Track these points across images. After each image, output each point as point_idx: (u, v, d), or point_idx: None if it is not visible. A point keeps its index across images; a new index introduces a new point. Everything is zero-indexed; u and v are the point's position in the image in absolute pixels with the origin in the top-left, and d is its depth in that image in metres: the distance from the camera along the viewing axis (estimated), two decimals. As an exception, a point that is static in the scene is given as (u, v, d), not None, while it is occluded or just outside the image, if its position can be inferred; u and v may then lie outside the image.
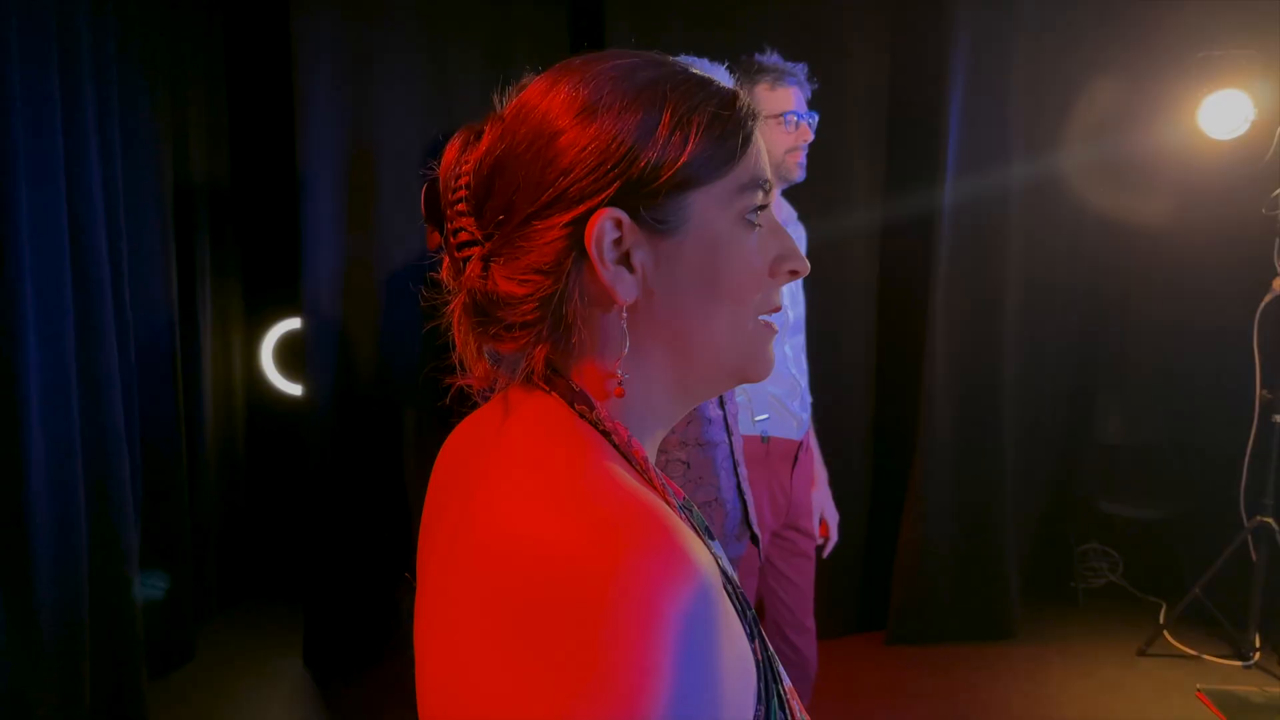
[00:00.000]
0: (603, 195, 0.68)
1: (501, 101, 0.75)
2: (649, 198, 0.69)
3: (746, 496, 1.69)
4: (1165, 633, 3.63)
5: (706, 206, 0.71)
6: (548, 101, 0.71)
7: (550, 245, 0.69)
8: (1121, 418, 4.15)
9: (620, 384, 0.72)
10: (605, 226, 0.68)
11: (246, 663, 3.54)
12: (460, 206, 0.74)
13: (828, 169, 2.52)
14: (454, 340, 0.76)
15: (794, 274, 0.77)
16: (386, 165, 3.34)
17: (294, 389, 4.03)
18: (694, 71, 0.74)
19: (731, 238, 0.72)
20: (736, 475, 1.68)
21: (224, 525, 3.99)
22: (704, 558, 0.56)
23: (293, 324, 4.01)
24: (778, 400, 2.27)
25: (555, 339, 0.71)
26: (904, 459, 3.66)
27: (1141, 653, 3.56)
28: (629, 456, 0.70)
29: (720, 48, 2.12)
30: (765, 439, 2.24)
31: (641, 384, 0.73)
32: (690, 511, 0.76)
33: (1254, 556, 3.47)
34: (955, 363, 3.59)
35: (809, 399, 2.39)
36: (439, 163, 0.76)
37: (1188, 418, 3.95)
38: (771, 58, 2.28)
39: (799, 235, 2.49)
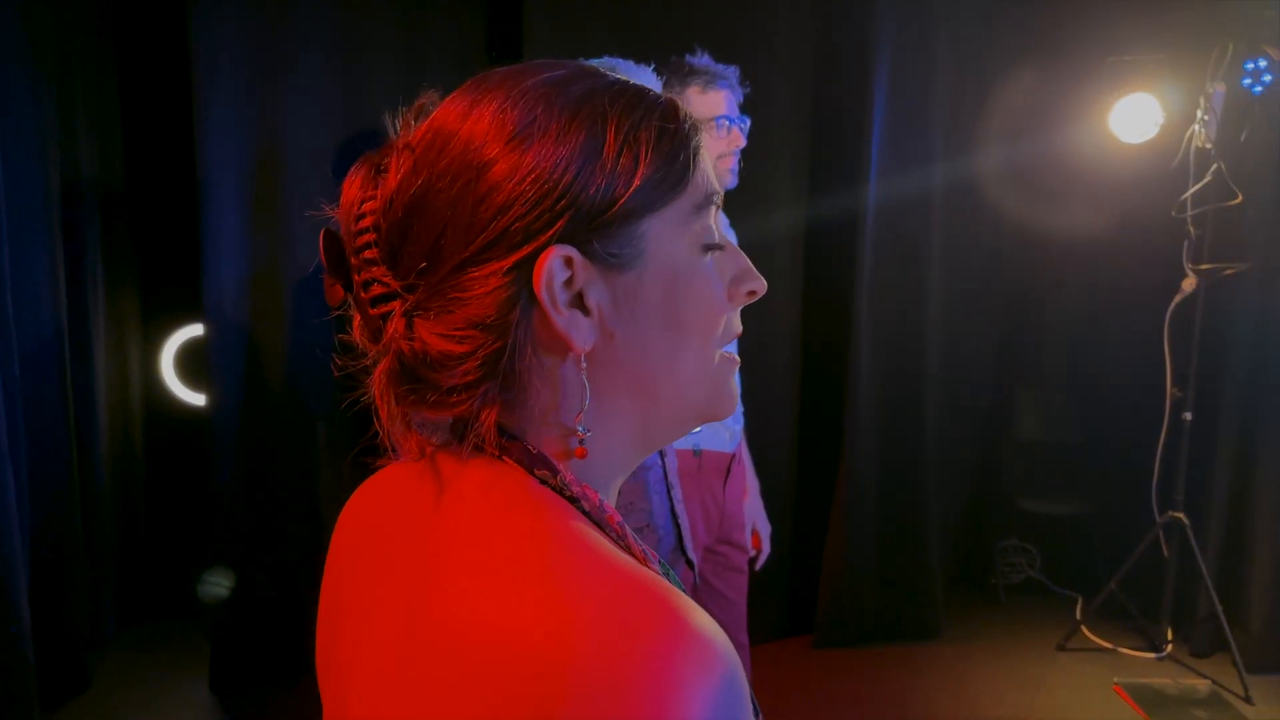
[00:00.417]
0: (550, 232, 0.59)
1: (398, 126, 0.65)
2: (601, 230, 0.60)
3: (681, 520, 1.62)
4: (1083, 627, 3.70)
5: (662, 233, 0.63)
6: (469, 127, 0.62)
7: (492, 295, 0.60)
8: (1039, 416, 4.22)
9: (583, 442, 0.63)
10: (555, 267, 0.60)
11: (147, 689, 3.34)
12: (369, 254, 0.63)
13: (751, 172, 2.47)
14: (377, 411, 0.65)
15: (752, 295, 0.70)
16: (294, 165, 3.17)
17: (196, 398, 3.83)
18: (629, 82, 0.65)
19: (690, 264, 0.64)
20: (670, 498, 1.61)
21: (122, 543, 3.77)
22: (718, 633, 0.49)
23: (194, 331, 3.80)
24: (710, 413, 2.21)
25: (506, 399, 0.62)
26: (829, 461, 3.65)
27: (1061, 647, 3.62)
28: (603, 524, 0.62)
29: (642, 49, 2.05)
30: (697, 452, 2.18)
31: (604, 438, 0.65)
32: (669, 575, 0.68)
33: (1165, 551, 3.56)
34: (879, 365, 3.60)
35: (741, 409, 2.34)
36: (337, 201, 0.66)
37: (1103, 415, 4.04)
38: (702, 59, 2.21)
39: (731, 242, 2.43)
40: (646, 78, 1.55)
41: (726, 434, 2.24)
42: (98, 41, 3.52)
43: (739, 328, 0.71)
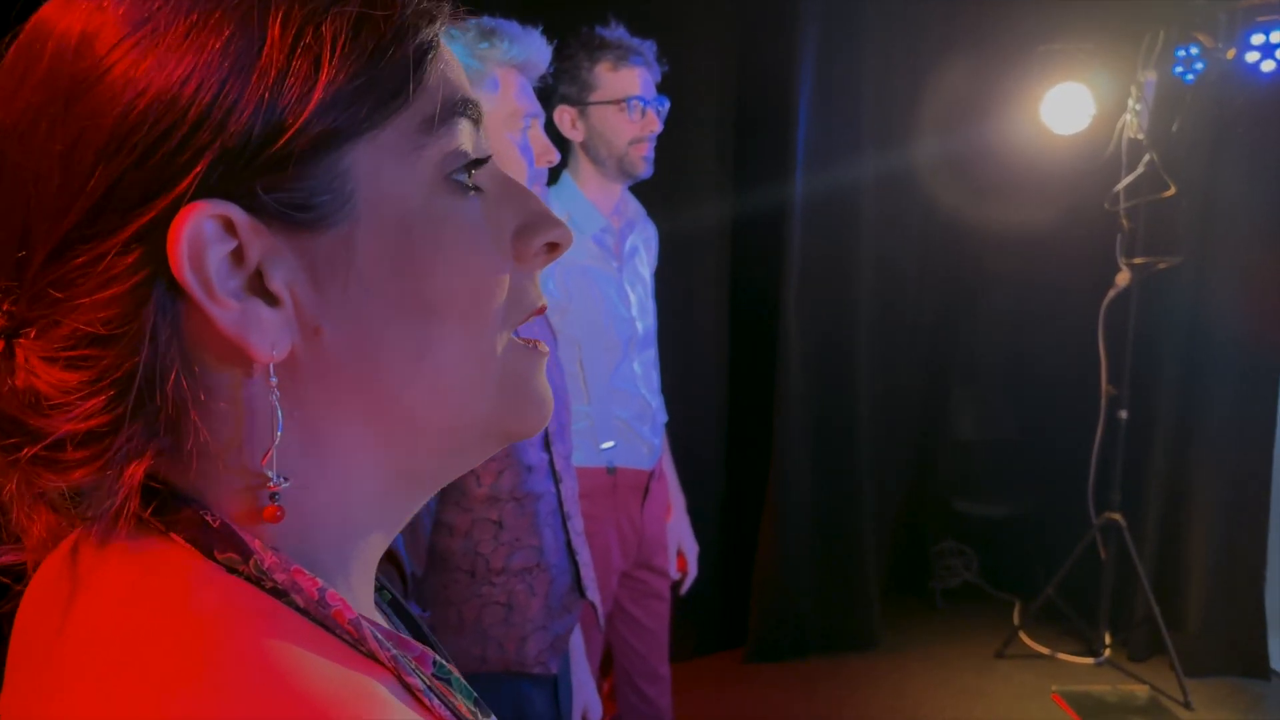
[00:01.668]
0: (185, 181, 0.39)
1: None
2: (270, 170, 0.40)
3: (579, 555, 1.42)
4: (1021, 633, 3.61)
5: (378, 166, 0.43)
6: (66, 25, 0.41)
7: (109, 288, 0.39)
8: (973, 415, 4.13)
9: (276, 498, 0.42)
10: (205, 231, 0.40)
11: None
12: None
13: (673, 160, 2.31)
14: None
15: (553, 249, 0.50)
16: None
17: None
18: None
19: (431, 209, 0.44)
20: (566, 530, 1.40)
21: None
22: None
23: None
24: (626, 425, 2.01)
25: (159, 445, 0.42)
26: (759, 466, 3.51)
27: (999, 655, 3.52)
28: (328, 624, 0.41)
29: (554, 18, 1.85)
30: (612, 470, 1.98)
31: (329, 485, 0.45)
32: (449, 679, 0.47)
33: (1103, 554, 3.47)
34: (809, 364, 3.47)
35: (662, 421, 2.14)
36: None
37: (1038, 414, 3.95)
38: (616, 32, 2.01)
39: (649, 236, 2.24)
40: (534, 41, 1.35)
41: (645, 448, 2.05)
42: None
43: (539, 299, 0.51)
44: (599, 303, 2.01)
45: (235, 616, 0.39)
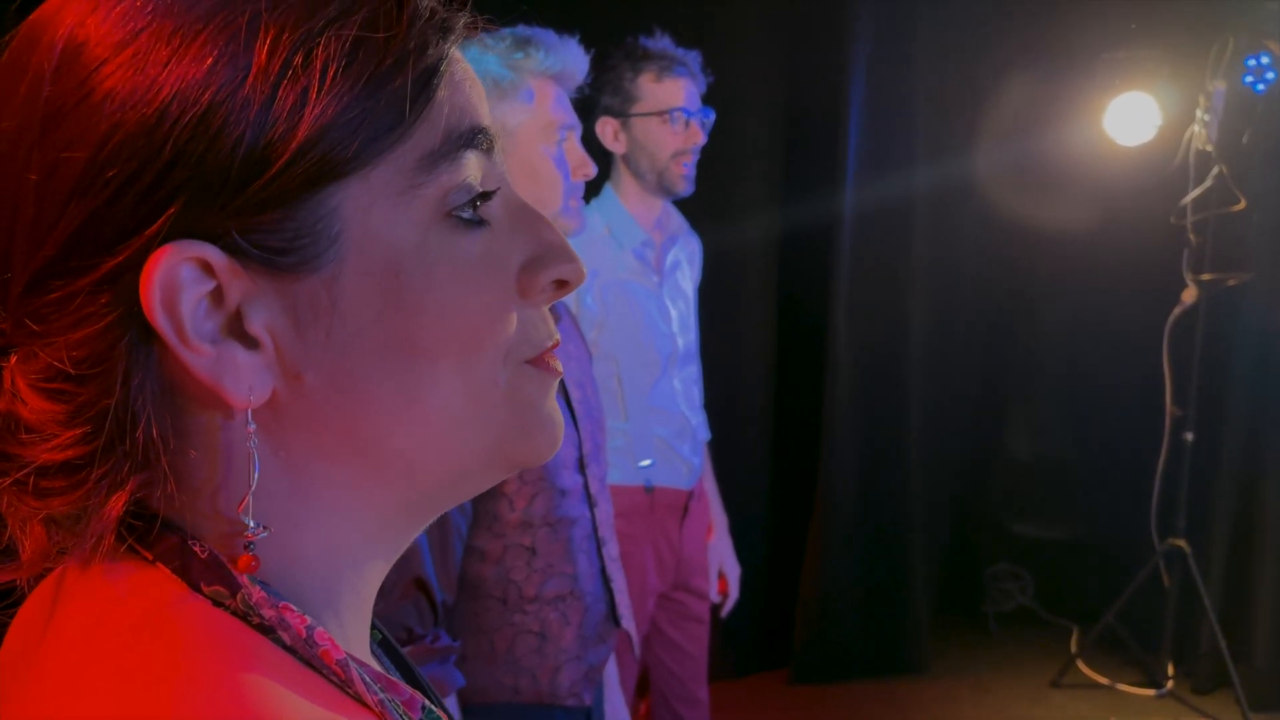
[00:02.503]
0: (160, 220, 0.37)
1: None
2: (251, 210, 0.38)
3: (614, 583, 1.37)
4: (1078, 661, 3.48)
5: (370, 206, 0.40)
6: (51, 36, 0.38)
7: (82, 328, 0.38)
8: (1029, 433, 4.02)
9: (251, 548, 0.40)
10: (180, 274, 0.38)
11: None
12: None
13: (720, 172, 2.26)
14: None
15: (562, 286, 0.46)
16: None
17: None
18: None
19: (429, 250, 0.41)
20: (601, 557, 1.36)
21: None
22: None
23: None
24: (664, 443, 1.97)
25: (141, 477, 0.40)
26: (805, 483, 3.44)
27: (1055, 684, 3.40)
28: (315, 664, 0.39)
29: (599, 30, 1.82)
30: (649, 489, 1.93)
31: (317, 523, 0.43)
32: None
33: (1166, 581, 3.34)
34: (858, 380, 3.40)
35: (703, 438, 2.09)
36: None
37: (1097, 434, 3.82)
38: (660, 42, 1.98)
39: (693, 250, 2.19)
40: (572, 52, 1.32)
41: (684, 468, 2.00)
42: None
43: (551, 333, 0.47)
44: (638, 318, 1.97)
45: (216, 649, 0.38)
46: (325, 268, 0.40)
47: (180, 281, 0.38)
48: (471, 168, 0.43)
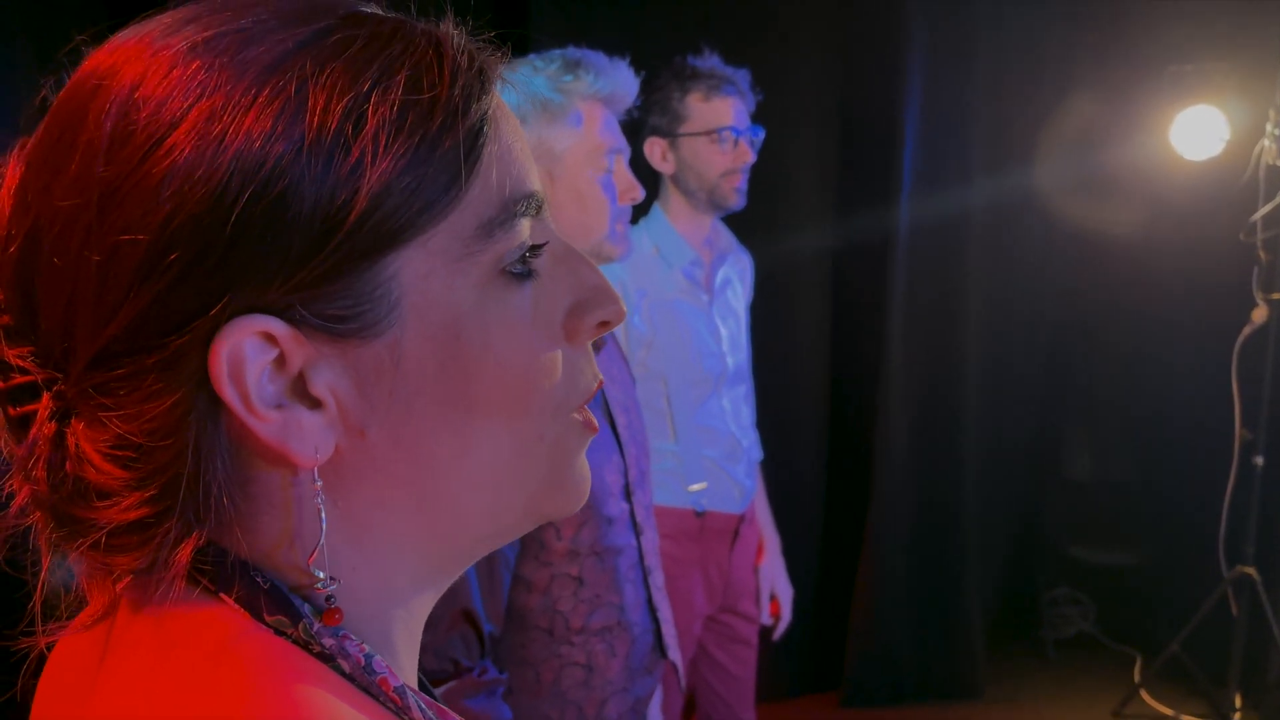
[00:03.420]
0: (223, 300, 0.37)
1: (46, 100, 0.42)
2: (312, 283, 0.38)
3: (660, 614, 1.35)
4: (1141, 691, 3.38)
5: (429, 272, 0.41)
6: (99, 106, 0.39)
7: (151, 404, 0.38)
8: (1091, 455, 3.91)
9: (332, 601, 0.42)
10: (245, 348, 0.38)
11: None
12: (5, 321, 0.41)
13: (772, 188, 2.25)
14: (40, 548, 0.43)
15: (604, 326, 0.47)
16: None
17: None
18: (367, 26, 0.40)
19: (486, 309, 0.42)
20: (647, 586, 1.34)
21: None
22: None
23: None
24: (715, 465, 1.95)
25: (208, 527, 0.42)
26: (858, 503, 3.39)
27: (1117, 713, 3.30)
28: (373, 691, 0.41)
29: (651, 48, 1.82)
30: (700, 513, 1.92)
31: (372, 569, 0.44)
32: None
33: (1234, 610, 3.22)
34: (913, 398, 3.34)
35: (756, 458, 2.07)
36: None
37: (1162, 456, 3.71)
38: (709, 61, 1.97)
39: (743, 268, 2.17)
40: (621, 75, 1.31)
41: (735, 491, 1.98)
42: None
43: (595, 378, 0.48)
44: (687, 337, 1.95)
45: (279, 675, 0.39)
46: (387, 332, 0.41)
47: (245, 355, 0.39)
48: (525, 230, 0.44)
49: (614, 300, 0.48)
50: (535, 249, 0.44)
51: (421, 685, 0.64)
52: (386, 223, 0.39)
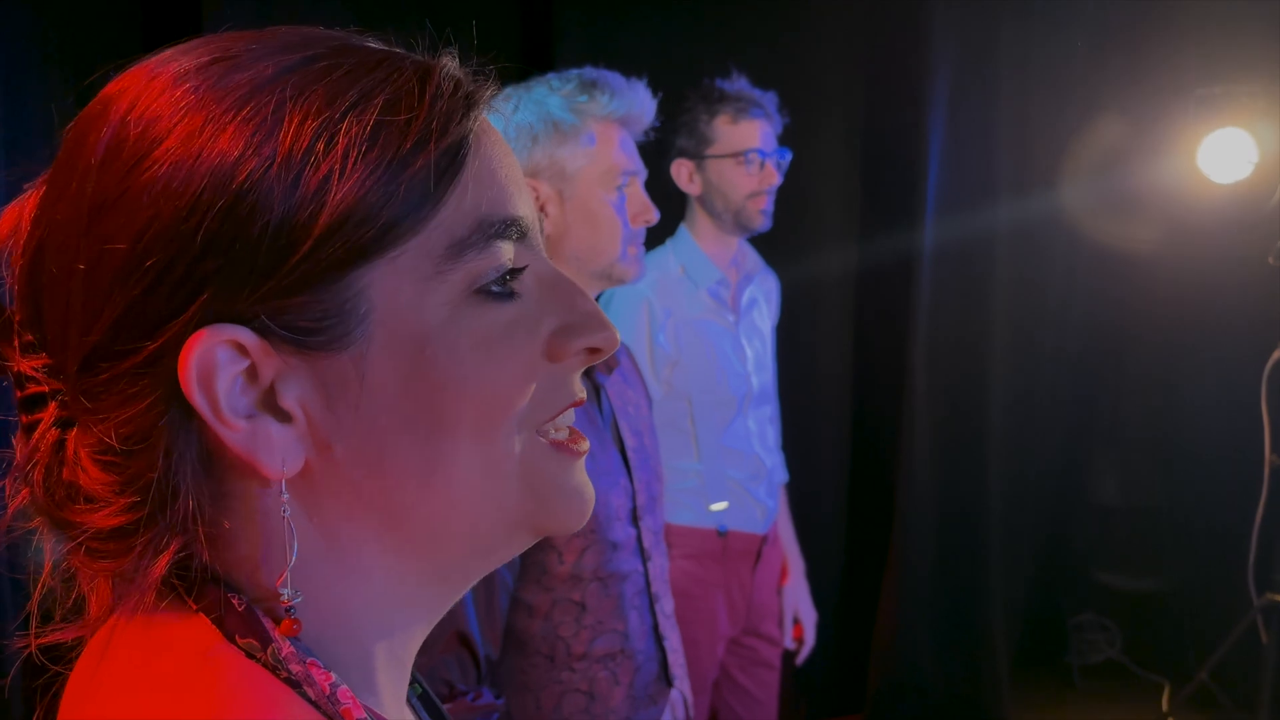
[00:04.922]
0: (193, 307, 0.39)
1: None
2: (280, 294, 0.40)
3: (666, 641, 1.33)
4: (1170, 719, 3.33)
5: (396, 289, 0.41)
6: (99, 130, 0.41)
7: (126, 407, 0.41)
8: (1118, 479, 3.87)
9: (291, 613, 0.42)
10: (215, 356, 0.40)
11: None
12: (30, 337, 0.44)
13: (797, 210, 2.25)
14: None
15: (594, 353, 0.47)
16: None
17: None
18: (353, 53, 0.42)
19: (455, 327, 0.43)
20: (654, 614, 1.32)
21: None
22: None
23: None
24: (739, 486, 1.95)
25: (186, 538, 0.43)
26: (881, 526, 3.37)
27: (1144, 742, 3.25)
28: (334, 719, 0.41)
29: (678, 71, 1.83)
30: (723, 533, 1.91)
31: (348, 586, 0.45)
32: None
33: (1264, 637, 3.18)
34: (936, 421, 3.33)
35: (780, 480, 2.07)
36: None
37: (1190, 481, 3.67)
38: (736, 84, 1.98)
39: (769, 288, 2.18)
40: (638, 96, 1.31)
41: (758, 511, 1.98)
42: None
43: (576, 393, 0.48)
44: (712, 357, 1.96)
45: (244, 698, 0.40)
46: (353, 346, 0.42)
47: (215, 363, 0.40)
48: (503, 254, 0.44)
49: (605, 328, 0.48)
50: (515, 272, 0.45)
51: (428, 702, 0.64)
52: (353, 237, 0.40)
